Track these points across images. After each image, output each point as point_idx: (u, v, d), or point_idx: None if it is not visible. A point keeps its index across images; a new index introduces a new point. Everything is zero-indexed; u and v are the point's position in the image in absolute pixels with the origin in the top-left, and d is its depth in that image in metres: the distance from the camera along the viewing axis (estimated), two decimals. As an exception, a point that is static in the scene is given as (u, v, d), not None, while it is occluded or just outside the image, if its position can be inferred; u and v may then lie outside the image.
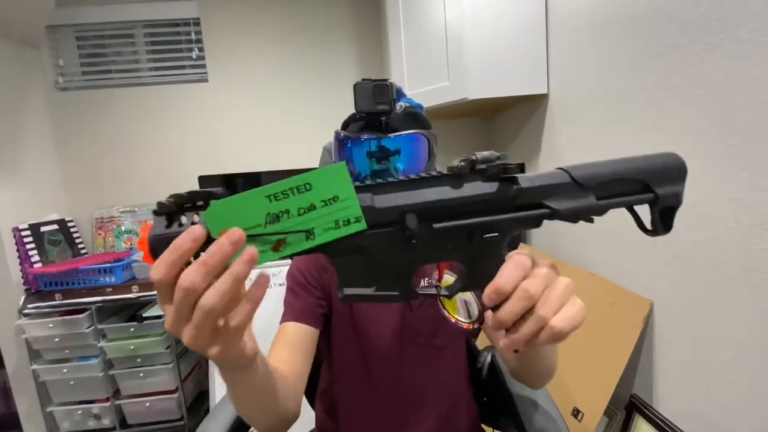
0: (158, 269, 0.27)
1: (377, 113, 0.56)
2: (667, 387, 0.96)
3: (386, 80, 0.55)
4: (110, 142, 1.83)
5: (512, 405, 0.67)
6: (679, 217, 0.34)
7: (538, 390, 0.62)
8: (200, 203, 0.29)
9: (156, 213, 0.29)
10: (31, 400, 1.59)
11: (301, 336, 0.56)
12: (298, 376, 0.53)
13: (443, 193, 0.31)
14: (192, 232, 0.27)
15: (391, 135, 0.57)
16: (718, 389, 0.82)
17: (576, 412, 1.05)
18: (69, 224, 1.78)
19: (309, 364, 0.56)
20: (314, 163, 1.79)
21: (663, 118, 0.91)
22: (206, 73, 1.84)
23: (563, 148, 1.35)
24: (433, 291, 0.34)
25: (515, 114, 1.68)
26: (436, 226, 0.30)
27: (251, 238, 0.28)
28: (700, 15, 0.78)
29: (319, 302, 0.60)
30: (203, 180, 1.65)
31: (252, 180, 1.72)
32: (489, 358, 0.79)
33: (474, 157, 0.31)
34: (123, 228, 1.82)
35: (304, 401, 0.79)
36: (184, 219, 0.29)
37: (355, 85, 0.55)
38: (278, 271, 1.37)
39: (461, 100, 1.40)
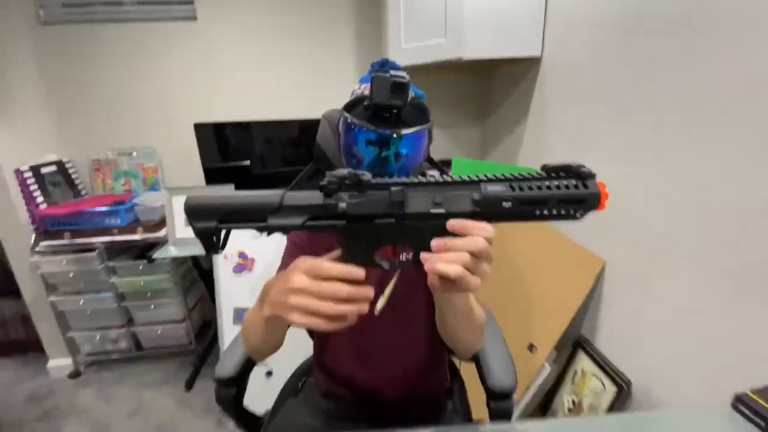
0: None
1: (391, 107, 0.59)
2: (608, 331, 1.16)
3: (404, 76, 0.57)
4: (98, 81, 1.78)
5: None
6: (638, 197, 0.41)
7: (491, 338, 0.76)
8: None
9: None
10: (52, 327, 1.76)
11: None
12: None
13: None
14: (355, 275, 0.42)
15: (404, 132, 0.61)
16: (647, 339, 1.01)
17: (531, 347, 1.25)
18: (66, 165, 1.81)
19: None
20: (306, 112, 1.82)
21: (643, 99, 0.98)
22: (194, 9, 1.76)
23: (549, 113, 1.41)
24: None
25: (508, 73, 1.70)
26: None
27: None
28: None
29: None
30: (198, 128, 1.67)
31: (242, 129, 1.75)
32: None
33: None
34: (121, 170, 1.87)
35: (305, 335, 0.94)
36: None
37: (374, 76, 0.57)
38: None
39: (456, 59, 1.42)
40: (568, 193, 0.41)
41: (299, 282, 0.42)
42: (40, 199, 1.64)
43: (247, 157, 1.78)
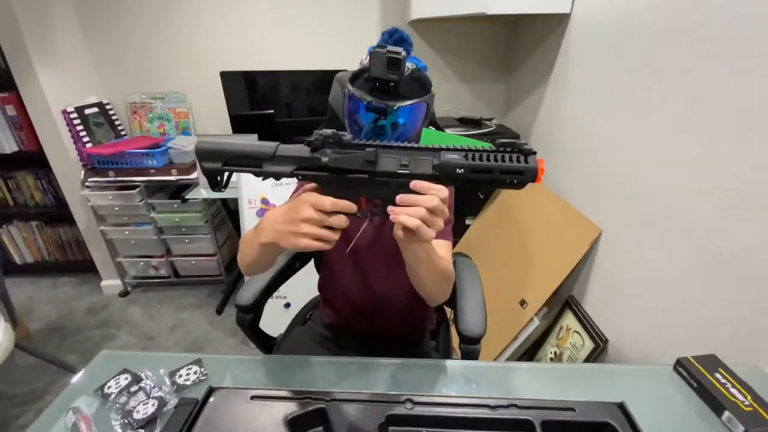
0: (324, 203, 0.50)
1: (387, 80, 0.63)
2: (595, 294, 1.23)
3: (399, 53, 0.61)
4: (133, 26, 1.84)
5: (454, 299, 0.87)
6: (643, 170, 0.44)
7: (470, 290, 0.86)
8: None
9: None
10: (103, 252, 2.01)
11: None
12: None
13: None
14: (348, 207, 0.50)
15: (398, 105, 0.65)
16: (628, 304, 1.08)
17: (522, 302, 1.35)
18: (107, 107, 1.94)
19: None
20: (328, 62, 1.83)
21: (668, 69, 0.94)
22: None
23: (571, 73, 1.37)
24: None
25: (536, 27, 1.63)
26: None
27: None
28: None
29: None
30: (225, 76, 1.73)
31: (266, 79, 1.80)
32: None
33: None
34: (155, 114, 1.98)
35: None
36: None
37: (371, 52, 0.61)
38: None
39: (479, 14, 1.38)
40: (510, 166, 0.48)
41: (308, 213, 0.50)
42: (86, 138, 1.80)
43: (270, 106, 1.85)
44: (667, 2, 0.92)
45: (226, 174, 0.55)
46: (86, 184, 1.79)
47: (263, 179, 0.55)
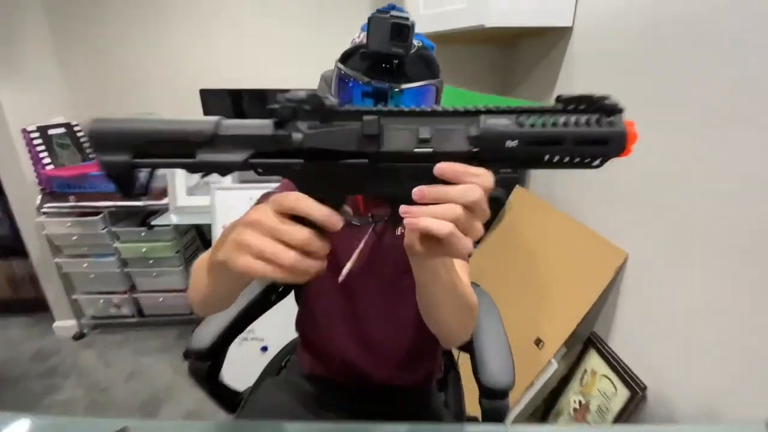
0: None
1: (391, 55, 0.50)
2: (624, 330, 1.06)
3: (407, 18, 0.48)
4: (108, 45, 1.74)
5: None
6: (669, 185, 0.33)
7: (489, 327, 0.68)
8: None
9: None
10: (57, 288, 1.78)
11: None
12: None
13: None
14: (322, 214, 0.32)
15: (403, 87, 0.53)
16: (668, 340, 0.91)
17: (538, 342, 1.17)
18: (75, 128, 1.79)
19: None
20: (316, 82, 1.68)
21: (684, 81, 0.86)
22: (205, -29, 1.68)
23: (575, 89, 1.28)
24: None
25: (534, 46, 1.56)
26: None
27: None
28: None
29: None
30: (205, 94, 1.61)
31: (257, 97, 1.68)
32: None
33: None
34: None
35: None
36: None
37: (371, 18, 0.49)
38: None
39: (478, 27, 1.30)
40: (589, 131, 0.31)
41: (257, 215, 0.32)
42: (47, 160, 1.63)
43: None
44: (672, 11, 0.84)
45: (144, 170, 0.34)
46: (42, 210, 1.60)
47: (203, 176, 0.37)
